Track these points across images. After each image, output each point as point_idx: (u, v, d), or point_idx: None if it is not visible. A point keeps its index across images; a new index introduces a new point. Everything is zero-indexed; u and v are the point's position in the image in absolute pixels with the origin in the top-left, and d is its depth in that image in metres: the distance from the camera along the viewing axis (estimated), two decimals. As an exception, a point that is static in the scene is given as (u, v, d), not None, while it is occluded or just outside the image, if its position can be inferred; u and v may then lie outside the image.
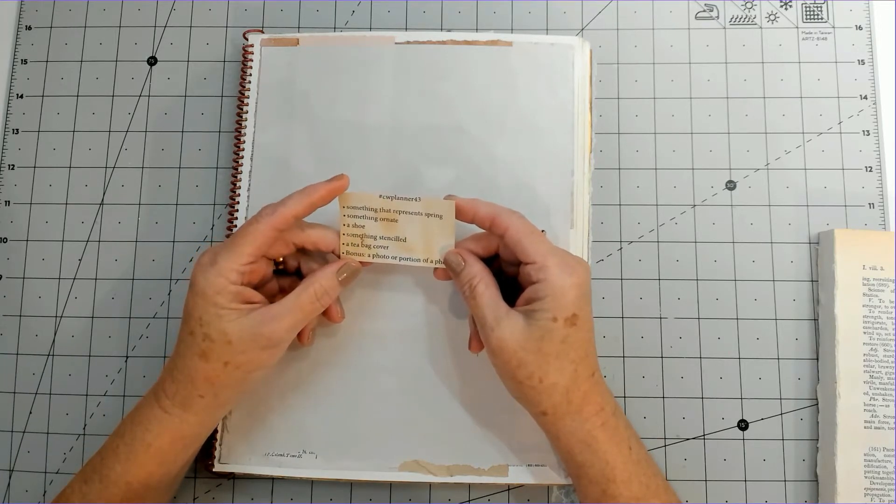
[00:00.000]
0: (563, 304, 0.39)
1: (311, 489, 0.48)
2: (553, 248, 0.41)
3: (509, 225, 0.41)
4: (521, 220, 0.42)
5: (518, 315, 0.40)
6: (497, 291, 0.42)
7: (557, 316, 0.39)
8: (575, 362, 0.40)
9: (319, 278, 0.42)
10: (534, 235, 0.41)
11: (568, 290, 0.39)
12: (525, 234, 0.41)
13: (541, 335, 0.39)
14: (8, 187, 0.52)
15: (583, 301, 0.40)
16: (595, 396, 0.41)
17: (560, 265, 0.40)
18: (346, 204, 0.43)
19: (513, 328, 0.40)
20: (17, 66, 0.54)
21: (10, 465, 0.49)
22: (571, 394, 0.40)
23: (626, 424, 0.42)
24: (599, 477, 0.41)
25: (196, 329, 0.40)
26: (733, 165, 0.51)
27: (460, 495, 0.48)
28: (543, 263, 0.40)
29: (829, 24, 0.53)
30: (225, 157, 0.52)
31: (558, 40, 0.50)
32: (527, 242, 0.41)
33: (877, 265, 0.48)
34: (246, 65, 0.51)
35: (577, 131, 0.49)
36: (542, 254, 0.40)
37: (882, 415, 0.46)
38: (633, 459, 0.41)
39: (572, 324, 0.39)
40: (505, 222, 0.41)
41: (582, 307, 0.40)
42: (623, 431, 0.42)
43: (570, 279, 0.40)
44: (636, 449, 0.42)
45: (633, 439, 0.42)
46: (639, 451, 0.42)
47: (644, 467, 0.41)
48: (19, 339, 0.50)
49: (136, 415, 0.42)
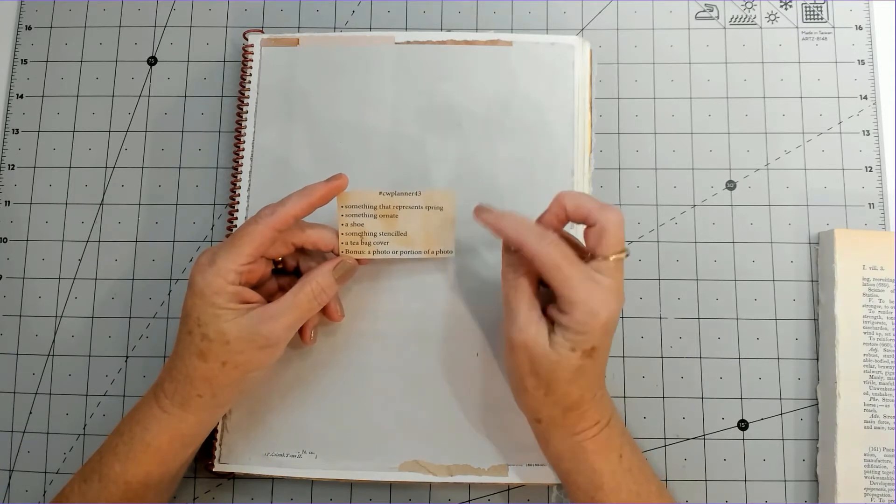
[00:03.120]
0: (584, 339, 0.38)
1: (311, 489, 0.48)
2: (583, 280, 0.38)
3: (535, 254, 0.39)
4: (549, 247, 0.39)
5: (545, 327, 0.39)
6: (536, 287, 0.41)
7: (576, 347, 0.39)
8: (583, 388, 0.40)
9: (316, 276, 0.42)
10: (560, 269, 0.38)
11: (592, 327, 0.38)
12: (550, 267, 0.38)
13: (557, 360, 0.39)
14: (8, 187, 0.52)
15: (605, 335, 0.39)
16: (592, 413, 0.41)
17: (587, 301, 0.38)
18: (344, 203, 0.43)
19: (537, 339, 0.39)
20: (17, 66, 0.54)
21: (10, 465, 0.49)
22: (570, 412, 0.40)
23: (621, 431, 0.42)
24: (587, 484, 0.41)
25: (194, 329, 0.40)
26: (733, 165, 0.51)
27: (460, 495, 0.48)
28: (570, 298, 0.38)
29: (829, 24, 0.53)
30: (225, 157, 0.52)
31: (558, 40, 0.50)
32: (552, 275, 0.38)
33: (877, 265, 0.48)
34: (246, 65, 0.51)
35: (577, 131, 0.49)
36: (569, 287, 0.38)
37: (882, 415, 0.46)
38: (624, 468, 0.41)
39: (589, 356, 0.39)
40: (531, 251, 0.39)
41: (603, 340, 0.39)
42: (616, 439, 0.41)
43: (595, 319, 0.38)
44: (628, 456, 0.41)
45: (627, 447, 0.42)
46: (631, 458, 0.41)
47: (636, 475, 0.41)
48: (19, 339, 0.50)
49: (135, 414, 0.42)
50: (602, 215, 0.39)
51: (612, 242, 0.39)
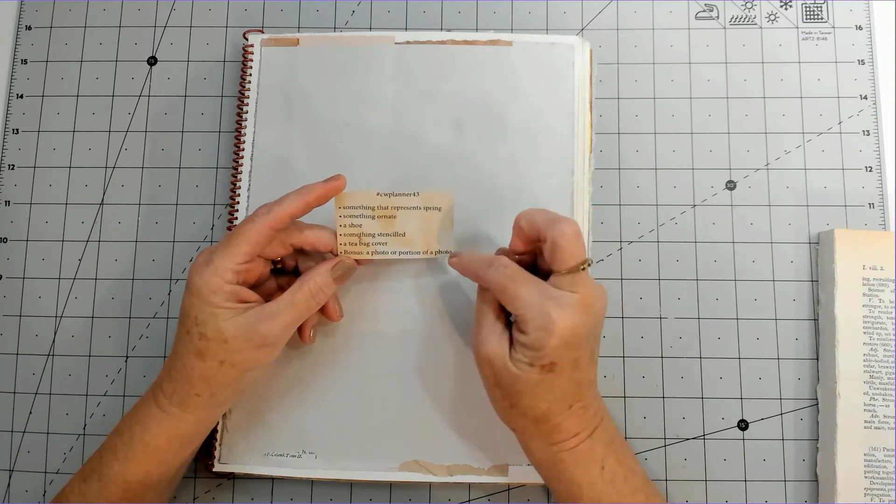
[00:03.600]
0: (540, 355, 0.38)
1: (311, 489, 0.48)
2: (534, 298, 0.38)
3: (486, 283, 0.40)
4: (494, 273, 0.40)
5: (507, 341, 0.39)
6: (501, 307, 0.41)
7: (534, 363, 0.38)
8: (549, 401, 0.39)
9: (314, 276, 0.42)
10: (506, 290, 0.39)
11: (546, 343, 0.37)
12: (499, 290, 0.39)
13: (517, 374, 0.39)
14: (8, 187, 0.52)
15: (567, 349, 0.38)
16: (569, 425, 0.40)
17: (538, 318, 0.38)
18: (342, 204, 0.43)
19: (496, 351, 0.39)
20: (17, 66, 0.54)
21: (10, 465, 0.49)
22: (541, 424, 0.40)
23: (608, 441, 0.41)
24: (566, 495, 0.40)
25: (192, 328, 0.40)
26: (733, 165, 0.51)
27: (460, 495, 0.48)
28: (523, 317, 0.38)
29: (829, 24, 0.53)
30: (225, 157, 0.52)
31: (558, 40, 0.50)
32: (503, 298, 0.39)
33: (877, 265, 0.48)
34: (246, 65, 0.51)
35: (577, 131, 0.49)
36: (520, 307, 0.38)
37: (882, 415, 0.46)
38: (606, 479, 0.40)
39: (550, 371, 0.38)
40: (483, 281, 0.41)
41: (563, 355, 0.38)
42: (599, 451, 0.40)
43: (549, 335, 0.37)
44: (612, 468, 0.40)
45: (612, 457, 0.40)
46: (616, 469, 0.40)
47: (619, 486, 0.40)
48: (19, 339, 0.50)
49: (134, 414, 0.42)
50: (552, 229, 0.39)
51: (565, 256, 0.38)
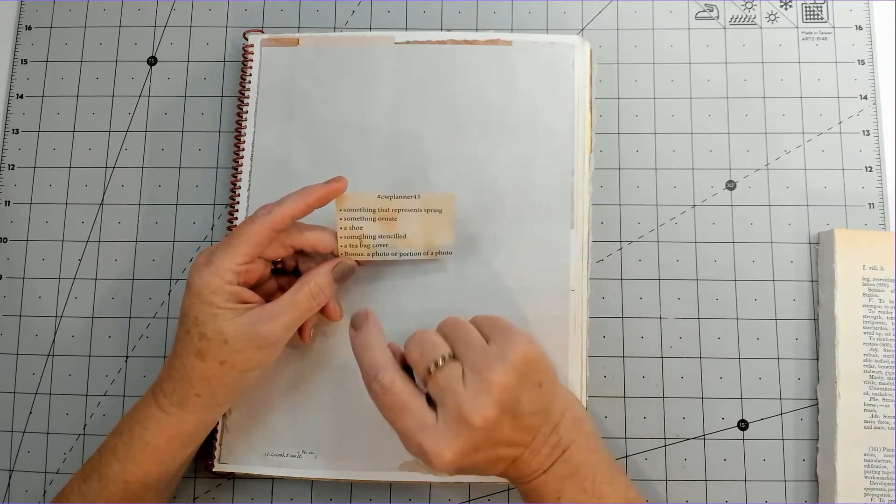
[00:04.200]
0: (439, 473, 0.37)
1: (311, 489, 0.48)
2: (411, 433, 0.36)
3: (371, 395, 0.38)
4: (380, 399, 0.37)
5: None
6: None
7: (441, 474, 0.37)
8: (482, 470, 0.38)
9: (315, 277, 0.42)
10: (388, 420, 0.37)
11: (437, 470, 0.36)
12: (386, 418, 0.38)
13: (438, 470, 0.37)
14: (8, 187, 0.52)
15: (466, 460, 0.36)
16: (517, 473, 0.38)
17: (419, 455, 0.36)
18: (342, 206, 0.43)
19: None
20: (17, 66, 0.54)
21: (10, 465, 0.49)
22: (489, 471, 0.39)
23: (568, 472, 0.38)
24: None
25: (192, 328, 0.40)
26: (733, 165, 0.51)
27: (460, 495, 0.48)
28: (407, 447, 0.37)
29: (829, 24, 0.53)
30: (225, 157, 0.52)
31: (558, 40, 0.50)
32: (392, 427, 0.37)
33: (877, 265, 0.48)
34: (246, 65, 0.51)
35: (577, 131, 0.49)
36: (402, 440, 0.37)
37: (882, 415, 0.46)
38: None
39: (458, 472, 0.37)
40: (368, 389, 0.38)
41: (464, 465, 0.36)
42: (554, 484, 0.38)
43: (434, 466, 0.36)
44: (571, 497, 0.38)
45: (571, 489, 0.38)
46: (576, 497, 0.38)
47: None
48: (19, 339, 0.50)
49: (134, 414, 0.42)
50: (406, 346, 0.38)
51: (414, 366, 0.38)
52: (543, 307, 0.47)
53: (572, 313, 0.47)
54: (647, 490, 0.48)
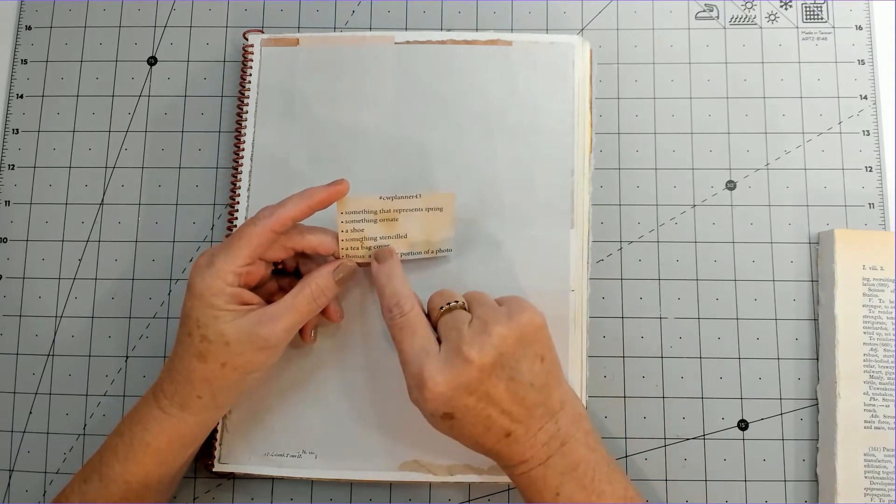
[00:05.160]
0: (432, 409, 0.38)
1: (311, 489, 0.48)
2: (415, 353, 0.39)
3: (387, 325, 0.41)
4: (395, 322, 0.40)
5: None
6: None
7: (434, 413, 0.39)
8: (474, 438, 0.39)
9: (316, 279, 0.42)
10: (395, 342, 0.40)
11: (425, 400, 0.38)
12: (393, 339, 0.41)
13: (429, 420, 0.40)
14: (8, 187, 0.52)
15: (450, 400, 0.38)
16: (511, 453, 0.39)
17: (414, 378, 0.38)
18: (344, 209, 0.43)
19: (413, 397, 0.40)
20: (17, 66, 0.54)
21: (10, 465, 0.49)
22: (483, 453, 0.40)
23: (567, 468, 0.38)
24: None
25: (194, 330, 0.40)
26: (733, 165, 0.51)
27: (460, 495, 0.48)
28: (405, 372, 0.39)
29: (829, 24, 0.53)
30: (225, 157, 0.52)
31: (558, 39, 0.50)
32: (398, 350, 0.40)
33: (877, 265, 0.48)
34: (246, 65, 0.51)
35: (577, 131, 0.49)
36: (403, 362, 0.39)
37: (882, 415, 0.46)
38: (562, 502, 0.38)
39: (450, 418, 0.38)
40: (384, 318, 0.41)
41: (453, 405, 0.38)
42: (553, 478, 0.38)
43: (426, 394, 0.38)
44: (569, 493, 0.38)
45: (570, 484, 0.38)
46: (575, 494, 0.38)
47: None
48: (19, 339, 0.50)
49: (134, 414, 0.42)
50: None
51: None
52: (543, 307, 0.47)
53: (572, 313, 0.47)
54: (647, 490, 0.48)
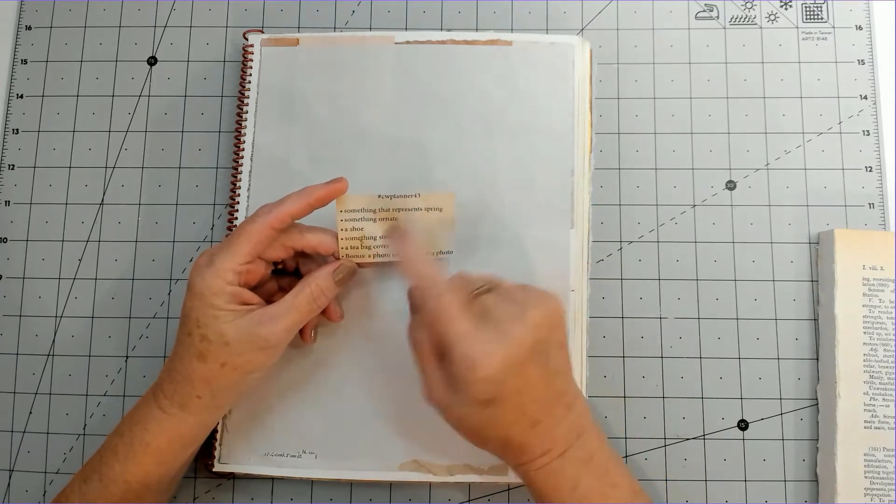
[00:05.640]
0: (473, 393, 0.37)
1: (311, 489, 0.48)
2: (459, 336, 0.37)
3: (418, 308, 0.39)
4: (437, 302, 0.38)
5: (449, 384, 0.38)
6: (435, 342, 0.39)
7: (474, 399, 0.37)
8: (505, 428, 0.38)
9: (316, 279, 0.42)
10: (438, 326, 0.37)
11: (474, 384, 0.36)
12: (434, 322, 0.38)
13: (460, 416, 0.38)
14: (8, 187, 0.52)
15: (496, 383, 0.36)
16: (536, 444, 0.38)
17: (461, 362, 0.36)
18: (343, 208, 0.43)
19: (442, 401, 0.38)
20: (17, 66, 0.54)
21: (10, 465, 0.49)
22: (507, 447, 0.39)
23: (584, 459, 0.39)
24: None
25: (194, 330, 0.40)
26: (733, 165, 0.51)
27: (460, 495, 0.48)
28: (450, 357, 0.37)
29: (829, 24, 0.53)
30: (225, 157, 0.52)
31: (558, 40, 0.50)
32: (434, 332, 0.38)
33: (877, 265, 0.48)
34: (246, 65, 0.51)
35: (577, 131, 0.49)
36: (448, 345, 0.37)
37: (882, 415, 0.46)
38: (578, 495, 0.38)
39: (489, 405, 0.37)
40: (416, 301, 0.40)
41: (498, 389, 0.36)
42: (571, 470, 0.38)
43: (476, 374, 0.36)
44: (587, 486, 0.38)
45: (588, 477, 0.38)
46: (591, 486, 0.38)
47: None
48: (19, 339, 0.50)
49: (134, 414, 0.42)
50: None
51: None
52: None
53: (572, 313, 0.47)
54: (648, 490, 0.47)
